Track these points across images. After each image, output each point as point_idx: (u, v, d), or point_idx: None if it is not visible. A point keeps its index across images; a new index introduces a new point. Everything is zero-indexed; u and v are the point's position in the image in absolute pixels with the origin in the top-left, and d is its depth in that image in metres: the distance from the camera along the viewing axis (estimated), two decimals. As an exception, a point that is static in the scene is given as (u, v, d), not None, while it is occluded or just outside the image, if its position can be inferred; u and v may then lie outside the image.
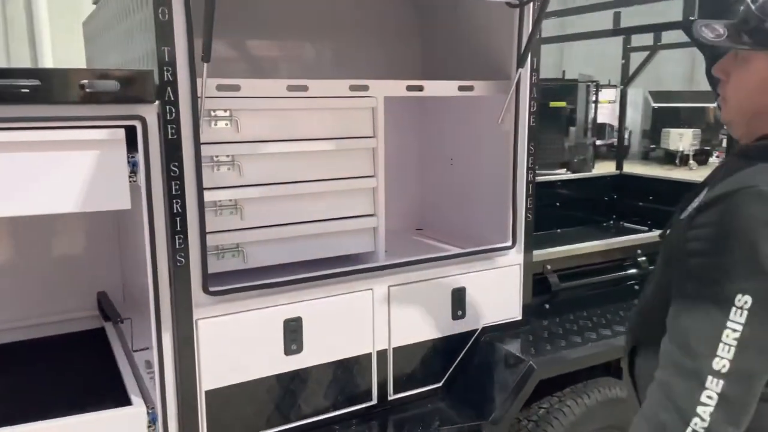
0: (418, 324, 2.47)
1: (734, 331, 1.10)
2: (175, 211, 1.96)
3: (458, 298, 2.53)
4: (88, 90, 1.80)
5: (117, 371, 2.32)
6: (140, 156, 1.89)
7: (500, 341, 2.58)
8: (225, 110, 2.14)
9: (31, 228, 2.76)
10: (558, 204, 4.35)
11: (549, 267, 2.81)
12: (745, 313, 1.10)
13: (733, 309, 1.11)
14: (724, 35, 1.22)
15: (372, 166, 2.44)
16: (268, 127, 2.23)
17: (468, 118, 2.92)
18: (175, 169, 1.94)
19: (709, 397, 1.10)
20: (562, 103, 11.25)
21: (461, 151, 3.02)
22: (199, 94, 1.95)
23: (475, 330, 2.60)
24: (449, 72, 3.03)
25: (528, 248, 2.67)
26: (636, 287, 3.09)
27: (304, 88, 2.23)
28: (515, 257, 2.65)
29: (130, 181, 1.93)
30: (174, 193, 1.95)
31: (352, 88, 2.33)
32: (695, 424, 1.10)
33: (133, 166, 1.93)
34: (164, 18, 1.86)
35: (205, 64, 1.91)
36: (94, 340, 2.68)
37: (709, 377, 1.10)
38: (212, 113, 2.12)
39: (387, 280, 2.39)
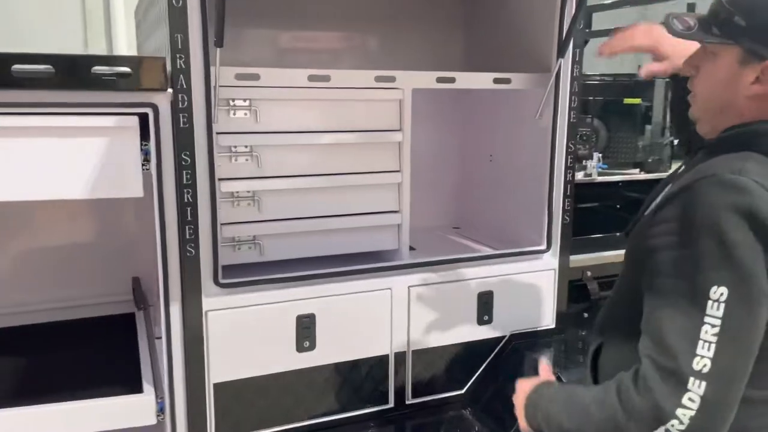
0: (440, 327, 2.37)
1: (713, 326, 1.04)
2: (185, 200, 1.94)
3: (485, 302, 2.41)
4: (100, 76, 1.80)
5: (137, 357, 2.34)
6: (152, 144, 1.88)
7: (529, 350, 2.44)
8: (244, 100, 2.10)
9: (73, 211, 2.82)
10: (619, 206, 4.10)
11: (589, 273, 2.64)
12: (723, 305, 1.04)
13: (710, 303, 1.05)
14: (694, 28, 1.21)
15: (397, 160, 2.35)
16: (288, 118, 2.18)
17: (508, 112, 2.77)
18: (187, 158, 1.92)
19: (691, 400, 1.03)
20: (637, 100, 10.66)
21: (501, 146, 2.88)
22: (213, 83, 1.91)
23: (503, 337, 2.47)
24: (494, 64, 2.89)
25: (564, 252, 2.51)
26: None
27: (327, 78, 2.16)
28: (549, 261, 2.49)
29: (143, 169, 1.92)
30: (185, 182, 1.93)
31: (378, 79, 2.24)
32: (672, 426, 1.04)
33: (146, 154, 1.92)
34: (178, 4, 1.83)
35: (218, 50, 1.87)
36: (124, 324, 2.72)
37: (691, 378, 1.04)
38: (231, 102, 2.08)
39: (407, 280, 2.29)
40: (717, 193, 1.08)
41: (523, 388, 1.38)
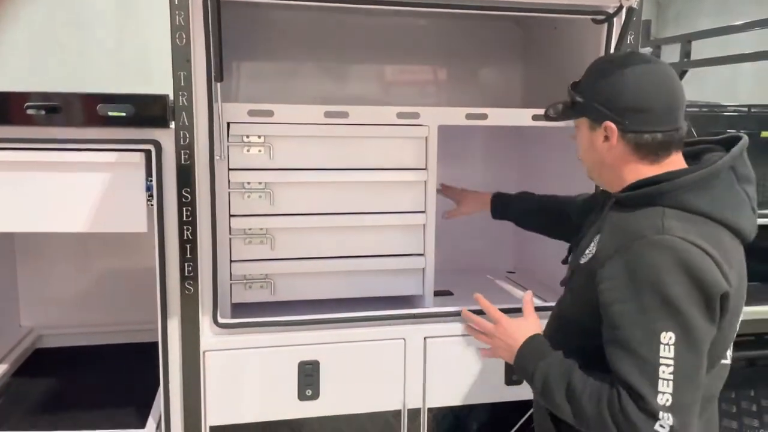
0: (460, 384, 2.16)
1: (668, 366, 1.25)
2: (185, 237, 1.92)
3: (514, 360, 2.17)
4: (105, 113, 1.83)
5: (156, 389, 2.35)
6: (153, 180, 1.89)
7: (566, 418, 2.16)
8: (259, 136, 2.06)
9: (123, 240, 2.92)
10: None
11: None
12: (672, 348, 1.25)
13: (662, 346, 1.25)
14: (559, 111, 1.55)
15: (422, 200, 2.20)
16: (304, 155, 2.11)
17: (562, 149, 2.53)
18: (187, 195, 1.90)
19: (662, 426, 1.24)
20: (778, 134, 9.60)
21: (555, 187, 2.62)
22: (217, 119, 1.89)
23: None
24: (550, 98, 2.66)
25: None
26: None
27: (344, 115, 2.08)
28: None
29: (148, 205, 1.93)
30: (185, 219, 1.91)
31: (400, 115, 2.12)
32: None
33: (151, 190, 1.93)
34: (181, 43, 1.83)
35: (218, 84, 1.85)
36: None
37: (660, 412, 1.24)
38: (245, 138, 2.05)
39: (423, 330, 2.12)
40: (653, 253, 1.28)
41: (515, 329, 1.56)
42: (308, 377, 2.04)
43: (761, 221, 3.26)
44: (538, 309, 2.16)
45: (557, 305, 1.66)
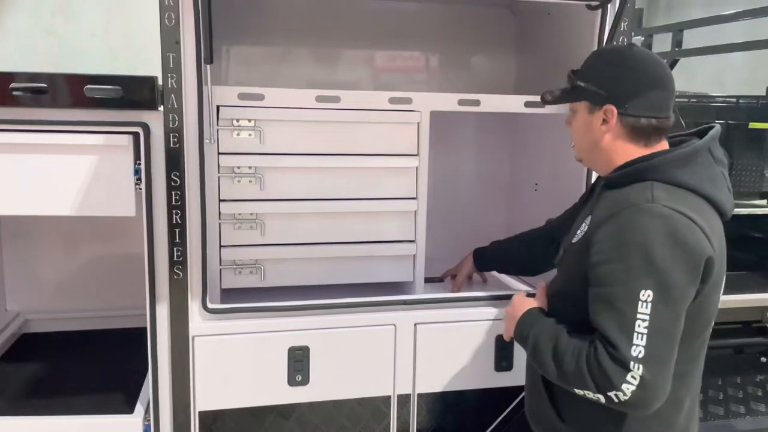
0: (450, 370, 2.17)
1: (643, 321, 1.34)
2: (174, 221, 1.90)
3: (503, 346, 2.17)
4: (92, 94, 1.80)
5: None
6: (142, 163, 1.86)
7: (555, 404, 2.17)
8: (249, 120, 2.04)
9: (111, 224, 2.89)
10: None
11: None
12: (650, 305, 1.34)
13: (640, 303, 1.35)
14: (557, 95, 1.65)
15: (413, 187, 2.19)
16: (295, 140, 2.08)
17: (553, 138, 2.52)
18: (176, 178, 1.88)
19: (633, 377, 1.33)
20: (765, 125, 9.64)
21: (545, 175, 2.63)
22: (207, 102, 1.87)
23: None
24: (543, 85, 2.65)
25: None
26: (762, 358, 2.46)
27: (336, 99, 2.06)
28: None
29: (136, 189, 1.91)
30: (174, 203, 1.89)
31: (392, 100, 2.11)
32: (618, 395, 1.34)
33: (140, 173, 1.90)
34: (170, 23, 1.80)
35: (209, 67, 1.82)
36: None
37: (631, 362, 1.33)
38: (235, 122, 2.03)
39: (413, 317, 2.12)
40: (641, 219, 1.38)
41: (521, 304, 1.66)
42: (298, 363, 2.03)
43: (749, 211, 3.28)
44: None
45: (549, 289, 1.72)
